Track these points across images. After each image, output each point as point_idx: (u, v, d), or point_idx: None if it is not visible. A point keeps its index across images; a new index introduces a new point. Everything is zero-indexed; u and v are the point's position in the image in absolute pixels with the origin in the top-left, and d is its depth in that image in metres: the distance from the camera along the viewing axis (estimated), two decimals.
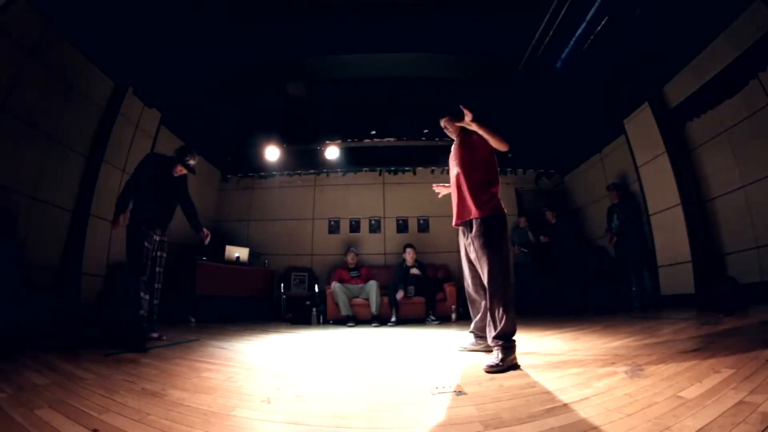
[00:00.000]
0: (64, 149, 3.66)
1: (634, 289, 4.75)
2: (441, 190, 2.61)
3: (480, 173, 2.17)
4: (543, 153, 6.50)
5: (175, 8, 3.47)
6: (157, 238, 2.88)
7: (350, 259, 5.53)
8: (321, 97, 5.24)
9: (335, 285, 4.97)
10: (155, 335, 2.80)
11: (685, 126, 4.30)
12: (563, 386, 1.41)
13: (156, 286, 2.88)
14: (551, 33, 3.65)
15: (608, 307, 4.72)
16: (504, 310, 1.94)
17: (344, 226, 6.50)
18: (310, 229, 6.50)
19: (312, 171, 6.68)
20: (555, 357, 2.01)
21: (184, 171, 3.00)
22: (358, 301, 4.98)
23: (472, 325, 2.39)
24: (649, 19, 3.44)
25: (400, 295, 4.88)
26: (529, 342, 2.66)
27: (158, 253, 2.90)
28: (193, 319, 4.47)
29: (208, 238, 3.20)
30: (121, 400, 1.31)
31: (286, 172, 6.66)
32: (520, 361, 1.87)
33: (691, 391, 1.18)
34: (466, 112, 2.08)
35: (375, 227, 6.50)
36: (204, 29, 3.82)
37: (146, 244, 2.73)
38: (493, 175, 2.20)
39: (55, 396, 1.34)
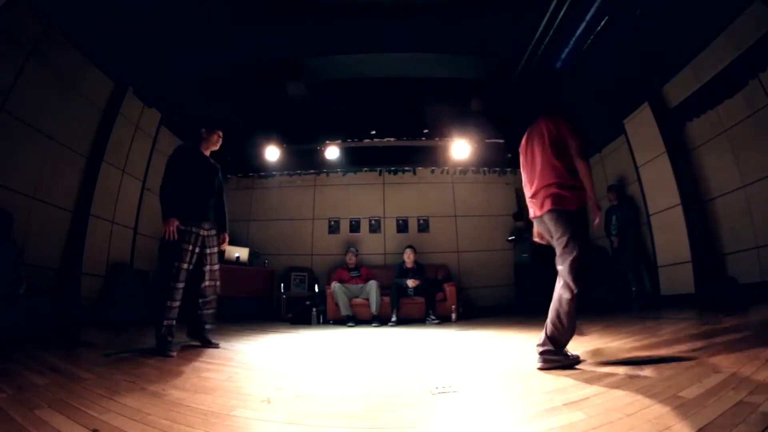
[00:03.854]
0: (64, 149, 3.66)
1: (634, 289, 4.75)
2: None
3: None
4: None
5: (175, 8, 3.47)
6: (204, 233, 2.59)
7: (350, 259, 5.53)
8: (321, 97, 5.24)
9: (335, 285, 4.97)
10: (216, 344, 2.62)
11: (685, 126, 4.30)
12: (563, 386, 1.41)
13: (206, 284, 2.62)
14: (551, 33, 3.64)
15: (608, 307, 4.72)
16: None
17: (344, 226, 6.50)
18: (310, 229, 6.50)
19: (312, 171, 6.68)
20: None
21: (216, 145, 2.77)
22: (358, 301, 4.98)
23: None
24: (649, 19, 3.44)
25: (411, 282, 4.96)
26: (529, 342, 2.66)
27: (206, 251, 2.62)
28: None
29: (225, 244, 2.83)
30: (121, 400, 1.31)
31: (286, 172, 6.65)
32: (519, 361, 1.87)
33: (691, 391, 1.18)
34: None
35: (375, 227, 6.50)
36: (204, 29, 3.81)
37: (185, 245, 2.44)
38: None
39: (55, 396, 1.34)
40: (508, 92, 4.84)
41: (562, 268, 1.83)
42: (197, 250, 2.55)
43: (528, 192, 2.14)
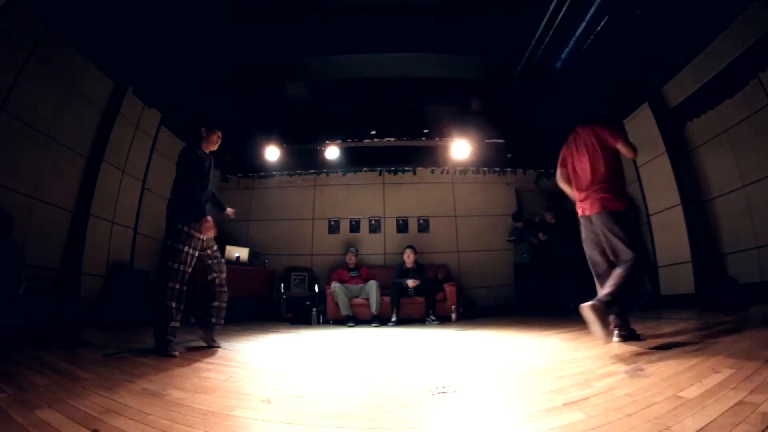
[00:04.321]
0: (64, 149, 3.66)
1: None
2: None
3: None
4: (543, 153, 6.50)
5: (175, 8, 3.47)
6: (204, 237, 2.56)
7: (350, 259, 5.53)
8: (321, 97, 5.24)
9: (335, 285, 4.96)
10: (217, 345, 2.62)
11: (685, 126, 4.30)
12: (563, 386, 1.41)
13: (223, 275, 2.66)
14: (551, 33, 3.64)
15: None
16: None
17: (344, 226, 6.50)
18: (310, 229, 6.50)
19: (312, 171, 6.68)
20: (555, 357, 2.01)
21: (215, 146, 2.75)
22: (358, 301, 4.98)
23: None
24: (649, 19, 3.44)
25: (411, 282, 4.95)
26: (529, 342, 2.66)
27: (208, 251, 2.61)
28: (193, 320, 4.47)
29: (233, 214, 3.05)
30: (121, 400, 1.31)
31: (286, 172, 6.65)
32: (519, 361, 1.87)
33: (691, 391, 1.18)
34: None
35: (375, 227, 6.50)
36: (204, 29, 3.81)
37: (186, 248, 2.42)
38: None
39: (55, 396, 1.34)
40: (508, 92, 4.84)
41: (622, 256, 2.20)
42: (197, 253, 2.54)
43: (578, 196, 2.49)
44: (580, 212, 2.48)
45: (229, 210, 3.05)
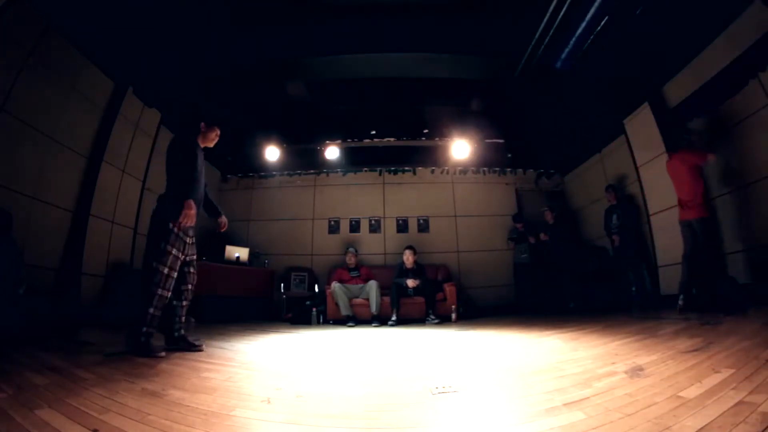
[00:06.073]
0: (64, 149, 3.66)
1: (633, 288, 4.75)
2: None
3: None
4: (543, 153, 6.51)
5: (176, 8, 3.47)
6: (190, 241, 2.44)
7: (350, 259, 5.53)
8: (321, 97, 5.24)
9: (335, 285, 4.97)
10: (199, 345, 2.44)
11: (685, 126, 4.30)
12: (563, 386, 1.40)
13: (188, 287, 2.51)
14: (551, 33, 3.64)
15: (608, 307, 4.72)
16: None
17: (344, 226, 6.50)
18: (310, 229, 6.51)
19: (312, 171, 6.69)
20: (555, 357, 2.01)
21: (212, 143, 2.63)
22: (358, 301, 4.98)
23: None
24: (649, 19, 3.44)
25: (411, 282, 4.93)
26: (529, 342, 2.66)
27: (186, 258, 2.47)
28: (193, 320, 4.46)
29: (226, 227, 2.76)
30: (121, 400, 1.31)
31: (286, 172, 6.66)
32: (519, 361, 1.87)
33: (691, 391, 1.18)
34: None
35: (375, 227, 6.50)
36: (205, 29, 3.82)
37: (175, 251, 2.27)
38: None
39: (55, 396, 1.34)
40: (508, 92, 4.84)
41: (707, 247, 3.52)
42: (184, 258, 2.43)
43: (681, 203, 3.73)
44: (680, 217, 3.72)
45: (224, 219, 2.79)
